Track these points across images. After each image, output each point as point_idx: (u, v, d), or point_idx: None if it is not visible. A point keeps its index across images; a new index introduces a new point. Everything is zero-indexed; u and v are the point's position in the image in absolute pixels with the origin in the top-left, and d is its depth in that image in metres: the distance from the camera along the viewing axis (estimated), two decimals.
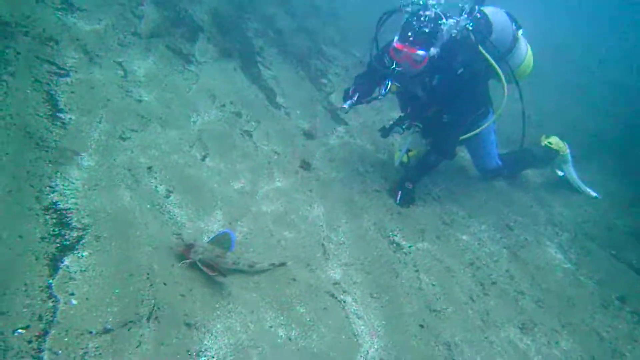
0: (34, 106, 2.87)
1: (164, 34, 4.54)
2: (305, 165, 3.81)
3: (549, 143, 4.66)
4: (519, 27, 3.82)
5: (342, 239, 3.26)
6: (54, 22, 3.67)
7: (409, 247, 3.45)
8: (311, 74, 5.66)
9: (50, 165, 2.60)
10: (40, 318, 1.90)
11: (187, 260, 2.44)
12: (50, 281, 2.06)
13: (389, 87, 3.42)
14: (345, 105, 3.49)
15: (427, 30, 3.19)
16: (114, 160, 2.89)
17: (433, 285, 3.17)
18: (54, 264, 2.14)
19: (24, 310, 1.89)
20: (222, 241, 2.54)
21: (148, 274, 2.30)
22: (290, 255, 2.89)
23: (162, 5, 4.91)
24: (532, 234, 4.10)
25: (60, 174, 2.59)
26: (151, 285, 2.26)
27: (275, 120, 4.27)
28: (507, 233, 4.05)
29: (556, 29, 11.16)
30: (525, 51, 3.95)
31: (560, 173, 4.88)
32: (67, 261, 2.18)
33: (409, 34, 3.19)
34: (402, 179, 3.95)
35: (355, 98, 3.51)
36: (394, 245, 3.40)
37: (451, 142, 3.79)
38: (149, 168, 2.98)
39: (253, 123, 4.07)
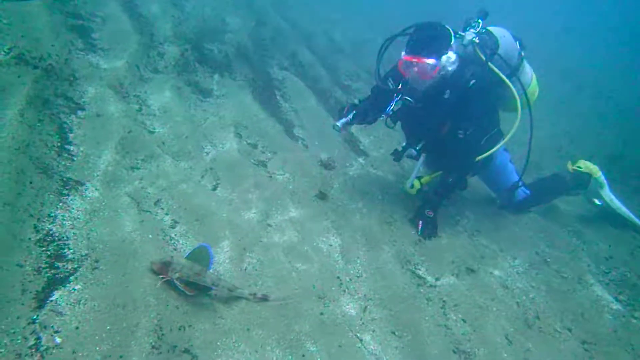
0: (43, 138, 2.84)
1: (183, 70, 4.59)
2: (322, 196, 3.62)
3: (578, 167, 4.26)
4: (522, 47, 3.63)
5: (359, 271, 3.01)
6: (74, 59, 3.75)
7: (434, 281, 3.16)
8: (331, 107, 5.58)
9: (52, 195, 2.52)
10: (19, 357, 1.74)
11: (163, 278, 2.26)
12: (35, 317, 1.91)
13: (392, 105, 3.30)
14: (338, 124, 3.36)
15: (435, 38, 3.09)
16: (120, 190, 2.80)
17: (462, 322, 2.85)
18: (42, 298, 2.00)
19: (1, 350, 1.74)
20: (200, 257, 2.36)
21: (144, 308, 2.13)
22: (301, 288, 2.66)
23: (184, 43, 5.01)
24: (573, 270, 3.68)
25: (62, 204, 2.51)
26: (146, 320, 2.08)
27: (292, 151, 4.15)
28: (544, 269, 3.66)
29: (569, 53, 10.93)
30: (530, 73, 3.75)
31: (598, 202, 4.38)
32: (56, 295, 2.04)
33: (418, 44, 3.09)
34: (421, 207, 3.70)
35: (350, 116, 3.37)
36: (417, 278, 3.12)
37: (468, 159, 3.54)
38: (156, 198, 2.87)
39: (269, 154, 3.96)
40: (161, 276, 2.25)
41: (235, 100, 4.51)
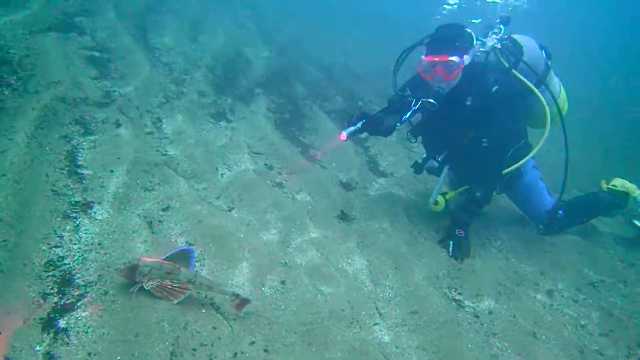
0: (51, 161, 2.72)
1: (198, 96, 4.51)
2: (344, 216, 3.41)
3: (613, 186, 3.92)
4: (549, 56, 3.44)
5: (390, 294, 2.74)
6: (85, 86, 3.68)
7: (473, 305, 2.88)
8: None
9: (59, 218, 2.36)
10: None
11: (137, 286, 2.04)
12: (38, 347, 1.70)
13: (410, 112, 3.14)
14: (344, 133, 3.09)
15: (456, 36, 2.95)
16: (131, 212, 2.63)
17: (509, 351, 2.54)
18: (46, 327, 1.79)
19: None
20: (179, 259, 2.14)
21: (157, 335, 1.90)
22: (328, 311, 2.41)
23: (197, 70, 4.98)
24: (625, 296, 3.32)
25: (70, 227, 2.34)
26: (160, 349, 1.85)
27: (309, 172, 3.97)
28: (593, 294, 3.30)
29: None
30: (559, 85, 3.55)
31: (638, 223, 3.99)
32: (62, 322, 1.83)
33: (439, 43, 2.94)
34: (451, 227, 3.44)
35: (359, 125, 3.13)
36: (454, 302, 2.84)
37: (495, 170, 3.30)
38: (169, 219, 2.69)
39: (286, 175, 3.79)
40: (135, 286, 2.04)
41: (250, 124, 4.40)
